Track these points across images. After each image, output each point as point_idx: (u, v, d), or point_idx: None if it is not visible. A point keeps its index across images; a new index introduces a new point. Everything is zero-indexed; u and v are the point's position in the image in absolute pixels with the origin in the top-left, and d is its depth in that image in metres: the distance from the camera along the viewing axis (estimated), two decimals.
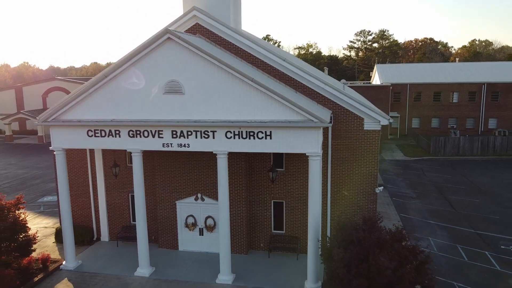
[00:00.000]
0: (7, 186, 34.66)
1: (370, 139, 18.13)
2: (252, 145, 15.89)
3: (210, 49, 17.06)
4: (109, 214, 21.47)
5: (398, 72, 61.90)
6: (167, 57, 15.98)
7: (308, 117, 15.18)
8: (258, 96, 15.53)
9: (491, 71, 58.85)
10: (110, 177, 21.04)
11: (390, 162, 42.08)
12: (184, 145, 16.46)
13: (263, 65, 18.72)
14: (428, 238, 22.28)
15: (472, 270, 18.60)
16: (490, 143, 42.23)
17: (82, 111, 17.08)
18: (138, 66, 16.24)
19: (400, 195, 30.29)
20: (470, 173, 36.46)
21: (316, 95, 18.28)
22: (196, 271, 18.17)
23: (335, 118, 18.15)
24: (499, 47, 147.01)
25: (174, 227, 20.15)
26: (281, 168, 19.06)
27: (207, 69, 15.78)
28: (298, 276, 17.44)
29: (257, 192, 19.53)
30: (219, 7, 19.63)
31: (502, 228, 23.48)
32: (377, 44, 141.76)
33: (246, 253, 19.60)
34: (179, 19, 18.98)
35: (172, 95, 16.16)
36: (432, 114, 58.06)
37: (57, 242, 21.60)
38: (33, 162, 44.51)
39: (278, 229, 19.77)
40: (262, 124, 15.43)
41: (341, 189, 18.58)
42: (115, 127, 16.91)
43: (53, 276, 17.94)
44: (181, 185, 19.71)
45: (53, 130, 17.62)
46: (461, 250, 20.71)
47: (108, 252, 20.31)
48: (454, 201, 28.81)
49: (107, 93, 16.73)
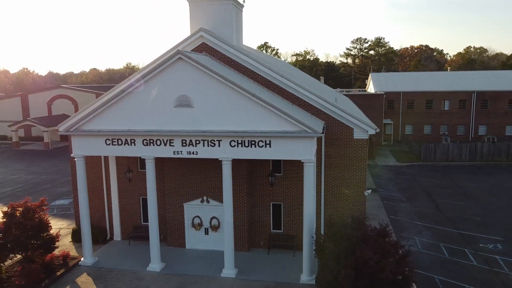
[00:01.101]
0: (20, 191, 36.50)
1: (359, 147, 20.19)
2: (254, 152, 17.90)
3: (215, 67, 19.14)
4: (121, 215, 23.40)
5: (391, 81, 64.16)
6: (178, 75, 18.02)
7: (303, 128, 17.22)
8: (259, 109, 17.57)
9: (480, 80, 61.19)
10: (122, 181, 23.00)
11: (383, 167, 44.14)
12: (193, 153, 18.46)
13: (263, 80, 20.80)
14: (414, 237, 24.29)
15: (452, 265, 20.61)
16: (478, 150, 44.38)
17: (101, 122, 19.07)
18: (152, 83, 18.26)
19: (390, 199, 32.31)
20: (457, 178, 38.55)
21: (310, 107, 20.34)
22: (203, 266, 20.10)
23: (328, 128, 20.20)
24: (493, 54, 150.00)
25: (182, 227, 22.09)
26: (279, 173, 21.06)
27: (214, 85, 17.83)
28: (294, 271, 19.38)
29: (258, 195, 21.53)
30: (223, 27, 21.77)
31: (482, 228, 25.51)
32: (373, 51, 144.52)
33: (247, 251, 21.54)
34: (187, 39, 21.08)
35: (182, 108, 18.19)
36: (424, 121, 60.26)
37: (73, 241, 23.47)
38: (41, 167, 46.33)
39: (277, 228, 21.75)
40: (263, 134, 17.46)
41: (333, 192, 20.60)
42: (130, 137, 18.90)
43: (73, 271, 19.84)
44: (189, 188, 21.68)
45: (74, 139, 19.60)
46: (443, 247, 22.72)
47: (121, 250, 22.22)
48: (440, 203, 30.86)
49: (124, 106, 18.73)
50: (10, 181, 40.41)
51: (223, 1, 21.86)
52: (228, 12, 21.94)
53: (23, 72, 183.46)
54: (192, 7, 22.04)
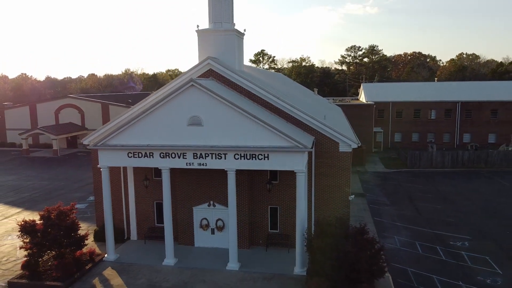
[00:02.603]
0: (37, 196, 39.66)
1: (344, 158, 23.64)
2: (254, 164, 21.29)
3: (221, 90, 22.58)
4: (138, 218, 26.69)
5: (382, 91, 67.86)
6: (191, 99, 21.41)
7: (295, 144, 20.63)
8: (259, 128, 20.97)
9: (465, 90, 65.02)
10: (139, 188, 26.32)
11: (371, 173, 47.63)
12: (203, 164, 21.82)
13: (262, 100, 24.24)
14: (393, 236, 27.72)
15: (423, 260, 24.04)
16: (459, 157, 47.99)
17: (124, 138, 22.39)
18: (169, 105, 21.64)
19: (376, 202, 35.76)
20: (439, 183, 42.09)
21: (302, 124, 23.78)
22: (210, 261, 23.42)
23: (317, 142, 23.64)
24: (484, 61, 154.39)
25: (191, 227, 25.42)
26: (275, 181, 24.46)
27: (221, 107, 21.22)
28: (289, 264, 22.71)
29: (257, 199, 24.91)
30: (227, 54, 25.30)
31: (454, 229, 28.98)
32: (367, 58, 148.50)
33: (248, 248, 24.87)
34: (197, 65, 24.53)
35: (194, 127, 21.57)
36: (412, 129, 63.95)
37: (95, 241, 26.69)
38: (52, 174, 49.48)
39: (274, 228, 25.13)
40: (262, 149, 20.86)
41: (322, 197, 24.00)
42: (149, 150, 22.23)
43: (99, 265, 23.10)
44: (197, 194, 25.03)
45: (100, 152, 22.91)
46: (418, 245, 26.16)
47: (138, 248, 25.51)
48: (420, 207, 34.35)
49: (144, 125, 22.07)
50: (25, 187, 43.48)
51: (227, 32, 25.40)
52: (231, 41, 25.48)
53: (22, 77, 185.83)
54: (200, 37, 25.54)
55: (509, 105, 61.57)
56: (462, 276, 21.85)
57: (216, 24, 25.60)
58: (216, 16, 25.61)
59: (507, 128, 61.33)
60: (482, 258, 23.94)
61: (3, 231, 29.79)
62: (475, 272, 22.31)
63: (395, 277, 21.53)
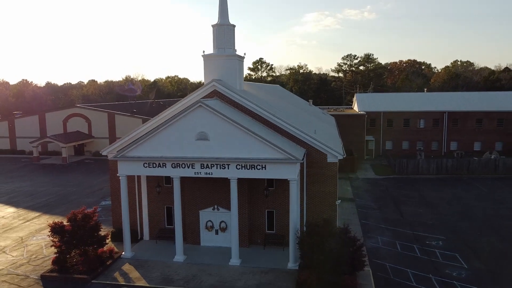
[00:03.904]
0: (53, 201, 42.96)
1: (331, 168, 27.13)
2: (253, 173, 24.75)
3: (224, 109, 26.09)
4: (150, 220, 30.09)
5: (374, 101, 71.53)
6: (199, 117, 24.89)
7: (289, 156, 24.11)
8: (257, 142, 24.44)
9: (451, 101, 68.77)
10: (151, 193, 29.75)
11: (362, 180, 51.12)
12: (209, 173, 25.26)
13: (260, 117, 27.73)
14: (377, 237, 31.17)
15: (401, 257, 27.48)
16: (443, 165, 51.56)
17: (140, 150, 25.83)
18: (179, 123, 25.12)
19: (364, 207, 39.22)
20: (423, 189, 45.62)
21: (296, 139, 27.28)
22: (215, 258, 26.80)
23: (308, 153, 27.12)
24: (478, 69, 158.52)
25: (197, 228, 28.83)
26: (272, 187, 27.91)
27: (224, 124, 24.71)
28: (283, 260, 26.10)
29: (255, 204, 28.34)
30: (229, 76, 28.97)
31: (432, 230, 32.46)
32: (363, 67, 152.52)
33: (248, 246, 28.26)
34: (203, 87, 28.11)
35: (201, 141, 25.04)
36: (402, 137, 67.56)
37: (112, 241, 30.00)
38: (64, 180, 52.80)
39: (270, 229, 28.56)
40: (260, 160, 24.33)
41: (312, 201, 27.45)
42: (162, 161, 25.66)
43: (118, 261, 26.46)
44: (203, 199, 28.46)
45: (120, 163, 26.34)
46: (398, 244, 29.61)
47: (150, 247, 28.88)
48: (404, 210, 37.84)
49: (158, 139, 25.54)
50: (40, 193, 46.76)
51: (230, 57, 29.04)
52: (233, 65, 29.11)
53: (23, 83, 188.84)
54: (206, 61, 29.17)
55: (493, 115, 65.32)
56: (432, 270, 25.31)
57: (220, 50, 29.22)
58: (220, 43, 29.24)
59: (491, 136, 65.05)
60: (452, 255, 27.42)
61: (27, 233, 33.11)
62: (444, 266, 25.78)
63: (375, 271, 24.97)
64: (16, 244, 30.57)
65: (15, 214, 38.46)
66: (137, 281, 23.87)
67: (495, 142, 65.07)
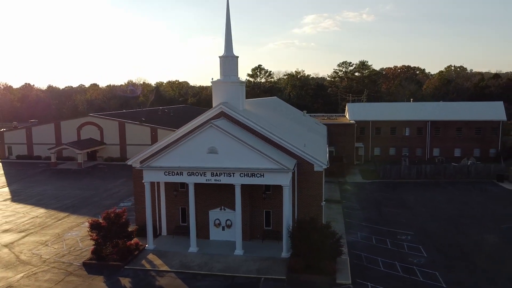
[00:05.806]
0: (77, 203, 48.74)
1: (318, 175, 33.11)
2: (254, 180, 30.70)
3: (230, 128, 32.07)
4: (167, 218, 35.99)
5: (363, 111, 77.60)
6: (209, 135, 30.83)
7: (282, 167, 30.06)
8: (257, 155, 30.38)
9: (434, 110, 74.89)
10: (168, 196, 35.67)
11: (350, 183, 57.06)
12: (218, 180, 31.20)
13: (259, 134, 33.72)
14: (357, 232, 37.10)
15: (375, 248, 33.42)
16: (423, 170, 57.59)
17: (161, 161, 31.75)
18: (193, 139, 31.07)
19: (349, 208, 45.16)
20: (403, 192, 51.61)
21: (288, 151, 33.25)
22: (222, 249, 32.69)
23: (299, 163, 33.09)
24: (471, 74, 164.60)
25: (207, 225, 34.76)
26: (269, 191, 33.88)
27: (230, 141, 30.65)
28: (278, 251, 31.97)
29: (255, 205, 34.30)
30: (233, 99, 35.00)
31: (404, 227, 38.42)
32: (358, 73, 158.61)
33: (249, 240, 34.18)
34: (212, 109, 34.14)
35: (212, 154, 30.97)
36: (389, 144, 73.64)
37: (136, 236, 35.81)
38: (82, 184, 58.58)
39: (268, 226, 34.51)
40: (259, 170, 30.29)
41: (302, 203, 33.38)
42: (180, 170, 31.57)
43: (143, 252, 32.36)
44: (212, 201, 34.39)
45: (145, 171, 32.27)
46: (373, 238, 35.57)
47: (168, 241, 34.78)
48: (383, 211, 43.81)
49: (176, 152, 31.45)
50: (63, 196, 52.45)
51: (234, 83, 35.10)
52: (237, 89, 35.16)
53: (26, 87, 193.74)
54: (214, 86, 35.25)
55: (472, 124, 71.49)
56: (398, 258, 31.29)
57: (226, 77, 35.26)
58: (226, 71, 35.30)
59: (470, 144, 71.23)
60: (416, 247, 33.42)
61: (62, 230, 38.97)
62: (408, 256, 31.76)
63: (351, 259, 30.91)
64: (55, 239, 36.45)
65: (47, 214, 44.28)
66: (161, 267, 29.79)
67: (473, 149, 71.22)
